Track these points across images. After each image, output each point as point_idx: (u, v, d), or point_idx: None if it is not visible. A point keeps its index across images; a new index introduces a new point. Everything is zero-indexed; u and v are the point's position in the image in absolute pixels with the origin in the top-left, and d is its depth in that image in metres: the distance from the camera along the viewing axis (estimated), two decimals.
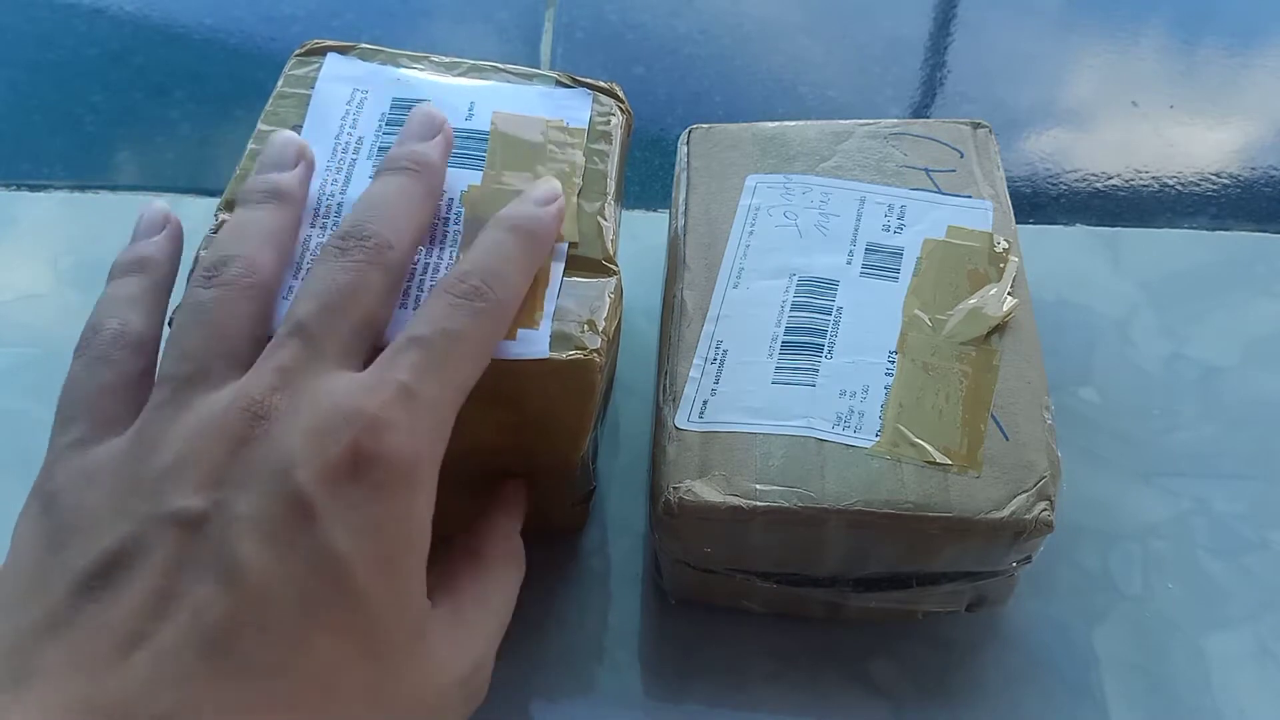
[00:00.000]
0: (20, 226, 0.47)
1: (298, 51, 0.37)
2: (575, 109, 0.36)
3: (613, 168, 0.35)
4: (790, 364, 0.34)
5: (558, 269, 0.32)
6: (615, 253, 0.33)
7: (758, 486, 0.32)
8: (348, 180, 0.33)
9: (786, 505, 0.31)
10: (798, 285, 0.36)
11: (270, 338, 0.28)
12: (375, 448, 0.25)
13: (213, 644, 0.23)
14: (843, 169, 0.39)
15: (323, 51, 0.37)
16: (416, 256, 0.31)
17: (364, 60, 0.37)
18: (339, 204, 0.32)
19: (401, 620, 0.25)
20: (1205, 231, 0.48)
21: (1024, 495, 0.31)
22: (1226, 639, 0.36)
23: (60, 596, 0.24)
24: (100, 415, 0.27)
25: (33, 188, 0.48)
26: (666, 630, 0.36)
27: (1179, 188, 0.49)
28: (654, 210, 0.48)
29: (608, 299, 0.31)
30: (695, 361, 0.35)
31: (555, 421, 0.31)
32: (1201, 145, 0.51)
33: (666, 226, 0.40)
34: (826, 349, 0.34)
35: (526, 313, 0.30)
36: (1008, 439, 0.32)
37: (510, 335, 0.30)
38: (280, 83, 0.36)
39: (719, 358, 0.35)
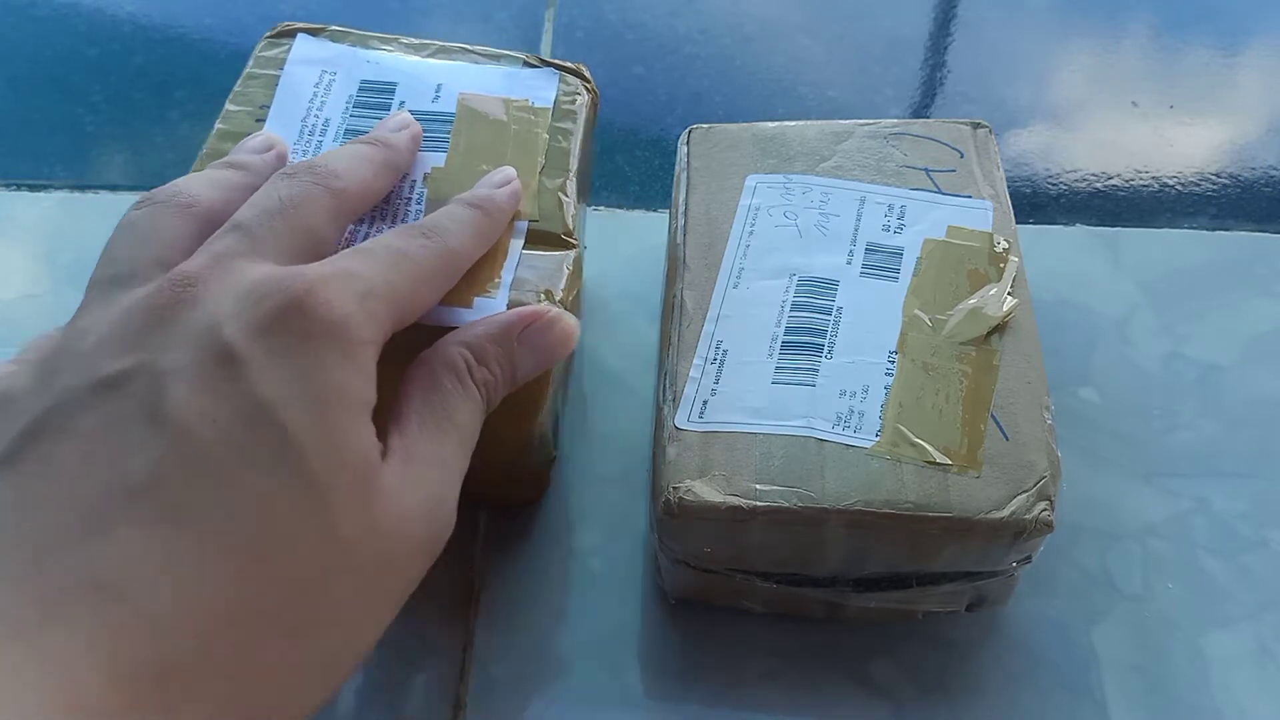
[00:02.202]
0: (20, 226, 0.47)
1: (268, 33, 0.37)
2: (541, 89, 0.37)
3: (576, 145, 0.36)
4: (790, 364, 0.34)
5: (516, 244, 0.33)
6: (576, 227, 0.34)
7: (758, 486, 0.32)
8: None
9: (786, 505, 0.31)
10: (798, 285, 0.36)
11: None
12: (302, 306, 0.25)
13: (142, 489, 0.23)
14: (843, 169, 0.39)
15: (293, 33, 0.37)
16: (365, 225, 0.32)
17: (334, 42, 0.37)
18: None
19: (341, 463, 0.25)
20: (1205, 231, 0.48)
21: (1024, 495, 0.31)
22: (1226, 638, 0.36)
23: None
24: (39, 339, 0.28)
25: (32, 188, 0.48)
26: (666, 630, 0.36)
27: (1179, 188, 0.49)
28: (654, 210, 0.48)
29: (565, 271, 0.32)
30: (695, 361, 0.35)
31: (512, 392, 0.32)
32: (1201, 145, 0.51)
33: (666, 226, 0.40)
34: (826, 349, 0.34)
35: (483, 283, 0.31)
36: (1008, 439, 0.32)
37: (467, 304, 0.31)
38: (250, 64, 0.37)
39: (719, 358, 0.35)
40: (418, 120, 0.35)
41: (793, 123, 0.41)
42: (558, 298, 0.32)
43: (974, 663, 0.35)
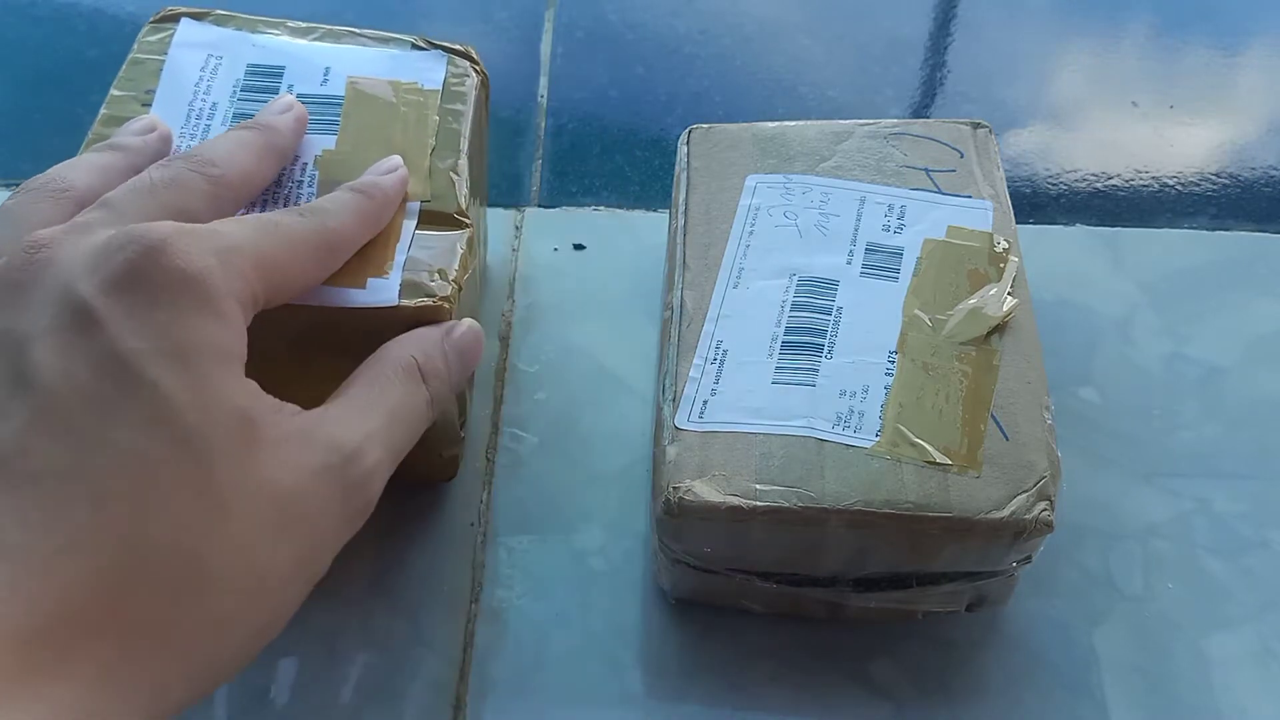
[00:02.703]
0: None
1: (153, 18, 0.38)
2: (429, 71, 0.37)
3: (466, 126, 0.36)
4: (790, 364, 0.34)
5: (409, 225, 0.33)
6: (469, 206, 0.34)
7: (758, 486, 0.32)
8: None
9: (786, 505, 0.31)
10: (798, 285, 0.36)
11: None
12: (157, 257, 0.25)
13: (7, 455, 0.23)
14: (843, 169, 0.39)
15: (177, 18, 0.37)
16: (256, 208, 0.33)
17: (218, 26, 0.37)
18: None
19: (213, 417, 0.24)
20: (1205, 231, 0.48)
21: (1024, 495, 0.31)
22: (1227, 639, 0.36)
23: None
24: None
25: None
26: (666, 630, 0.36)
27: (1179, 188, 0.49)
28: (654, 210, 0.48)
29: (459, 250, 0.33)
30: (695, 361, 0.34)
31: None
32: (1201, 145, 0.51)
33: (666, 226, 0.40)
34: (826, 349, 0.34)
35: (377, 264, 0.32)
36: (1008, 439, 0.32)
37: (360, 284, 0.31)
38: (134, 49, 0.37)
39: (719, 358, 0.34)
40: (307, 104, 0.35)
41: (793, 123, 0.41)
42: (450, 276, 0.32)
43: (975, 663, 0.35)
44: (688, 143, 0.41)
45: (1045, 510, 0.31)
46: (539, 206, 0.48)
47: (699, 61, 0.55)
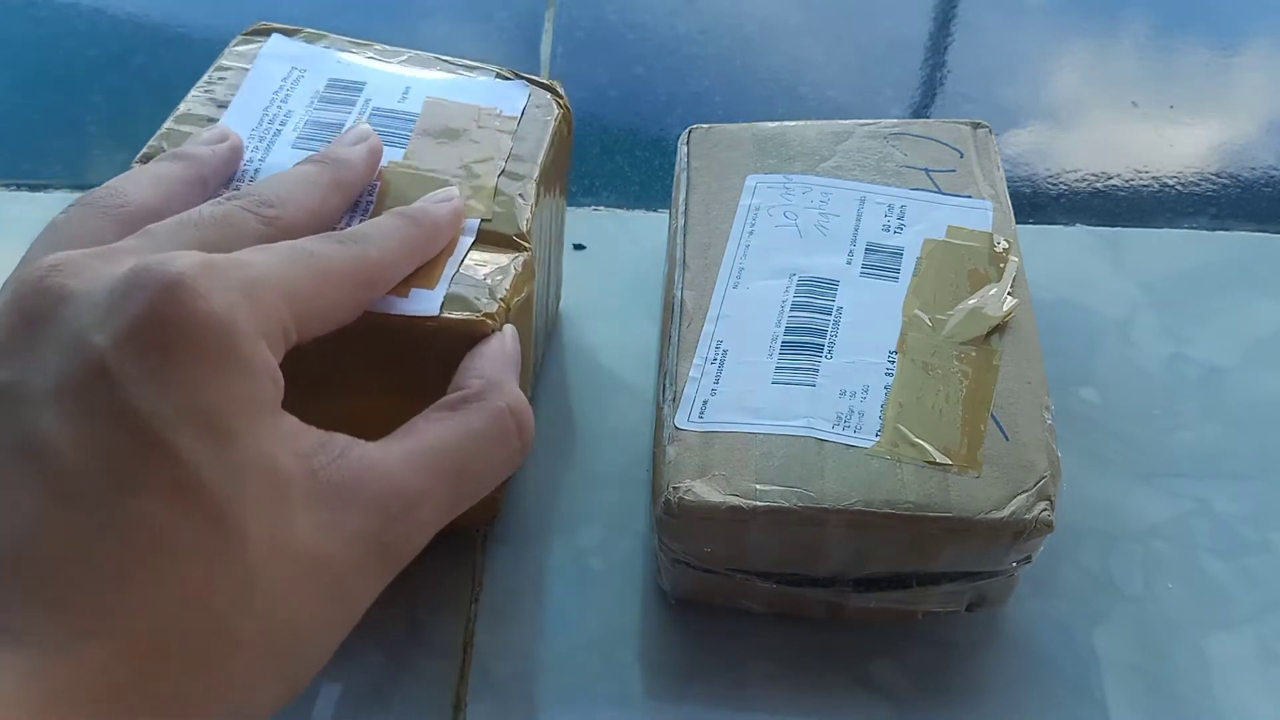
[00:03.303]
0: (20, 226, 0.47)
1: (244, 31, 0.38)
2: (511, 99, 0.37)
3: (541, 154, 0.35)
4: (790, 364, 0.34)
5: (465, 241, 0.32)
6: (529, 230, 0.34)
7: (758, 486, 0.32)
8: (269, 149, 0.34)
9: (786, 505, 0.31)
10: (798, 285, 0.36)
11: None
12: (175, 297, 0.23)
13: (22, 536, 0.22)
14: (843, 169, 0.39)
15: (268, 32, 0.38)
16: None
17: (308, 43, 0.38)
18: (256, 170, 0.33)
19: (242, 478, 0.23)
20: (1205, 231, 0.48)
21: (1024, 495, 0.31)
22: (1228, 640, 0.36)
23: None
24: None
25: (33, 188, 0.48)
26: (666, 630, 0.36)
27: (1179, 188, 0.49)
28: (654, 210, 0.48)
29: (513, 272, 0.32)
30: (695, 361, 0.34)
31: (449, 384, 0.31)
32: (1201, 145, 0.51)
33: (666, 226, 0.40)
34: (826, 349, 0.34)
35: (424, 275, 0.31)
36: (1008, 439, 0.32)
37: (403, 293, 0.30)
38: (221, 57, 0.37)
39: (719, 358, 0.34)
40: (382, 117, 0.35)
41: (793, 123, 0.41)
42: (499, 295, 0.31)
43: (975, 663, 0.35)
44: (688, 143, 0.41)
45: (1045, 510, 0.31)
46: None
47: (699, 61, 0.55)
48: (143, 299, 0.23)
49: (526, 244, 0.33)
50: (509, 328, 0.31)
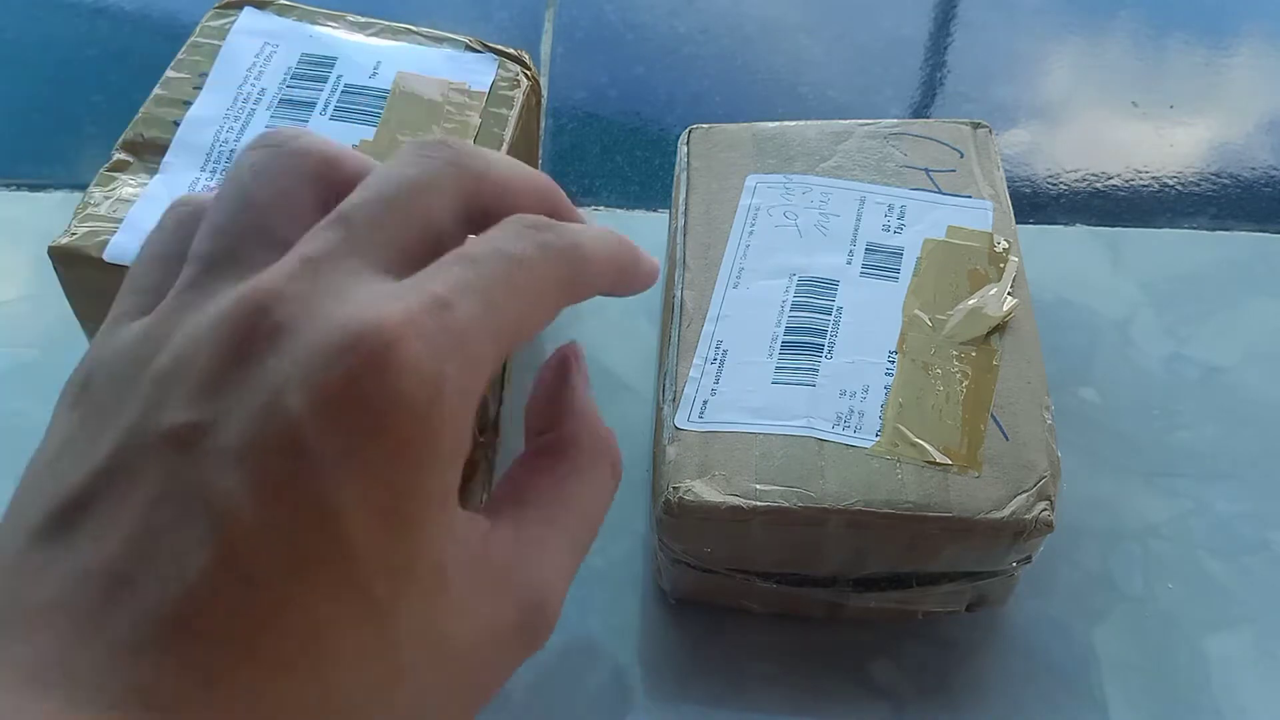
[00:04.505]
0: (20, 226, 0.47)
1: (216, 5, 0.38)
2: (479, 73, 0.37)
3: (509, 131, 0.36)
4: (790, 364, 0.34)
5: None
6: None
7: (757, 486, 0.32)
8: (244, 128, 0.34)
9: (786, 505, 0.31)
10: (798, 285, 0.36)
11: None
12: (382, 375, 0.21)
13: (186, 596, 0.21)
14: (843, 169, 0.39)
15: (240, 5, 0.38)
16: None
17: (279, 15, 0.38)
18: (231, 150, 0.34)
19: (410, 575, 0.22)
20: (1205, 231, 0.48)
21: (1024, 495, 0.31)
22: (1227, 639, 0.36)
23: (41, 522, 0.22)
24: (145, 283, 0.24)
25: (33, 188, 0.48)
26: (666, 630, 0.36)
27: (1179, 188, 0.49)
28: (654, 210, 0.48)
29: None
30: (695, 362, 0.34)
31: None
32: (1201, 145, 0.51)
33: (666, 226, 0.40)
34: (826, 349, 0.34)
35: None
36: (1008, 439, 0.32)
37: None
38: (195, 33, 0.37)
39: (719, 358, 0.34)
40: (352, 95, 0.35)
41: (793, 123, 0.41)
42: None
43: (975, 663, 0.35)
44: (687, 143, 0.41)
45: (1045, 510, 0.31)
46: None
47: (699, 61, 0.55)
48: (347, 367, 0.21)
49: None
50: (576, 346, 0.28)
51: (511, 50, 0.38)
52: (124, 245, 0.32)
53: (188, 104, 0.35)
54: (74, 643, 0.21)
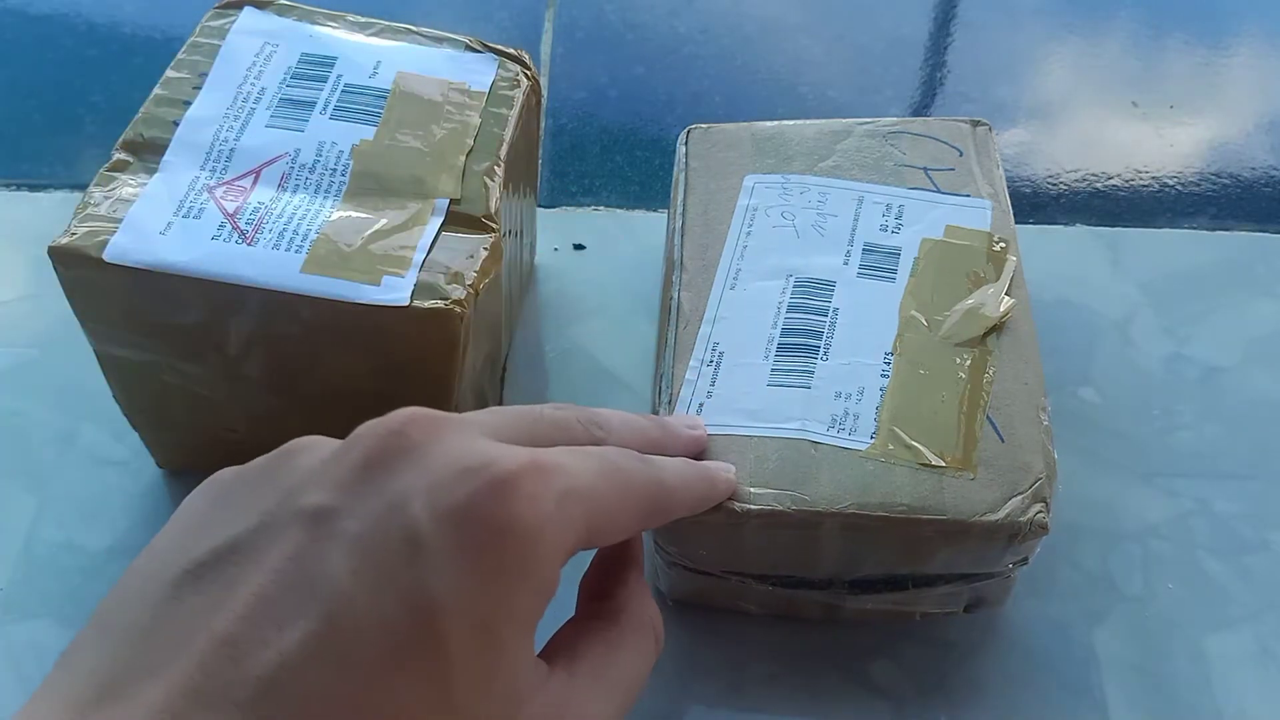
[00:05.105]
0: (20, 226, 0.47)
1: (217, 4, 0.38)
2: (479, 73, 0.37)
3: (509, 131, 0.36)
4: (786, 366, 0.34)
5: (434, 223, 0.33)
6: (498, 211, 0.34)
7: (752, 489, 0.31)
8: (243, 128, 0.34)
9: (781, 508, 0.31)
10: (795, 286, 0.36)
11: None
12: (502, 496, 0.24)
13: (283, 665, 0.22)
14: (841, 168, 0.39)
15: (240, 5, 0.38)
16: (287, 193, 0.33)
17: (280, 15, 0.38)
18: (231, 150, 0.34)
19: (487, 686, 0.24)
20: (1205, 231, 0.48)
21: (1019, 497, 0.31)
22: (1227, 639, 0.36)
23: (169, 581, 0.23)
24: None
25: (33, 188, 0.48)
26: (665, 631, 0.36)
27: (1179, 188, 0.49)
28: (654, 210, 0.48)
29: (481, 253, 0.33)
30: (691, 364, 0.34)
31: (422, 370, 0.32)
32: (1201, 145, 0.51)
33: (666, 226, 0.40)
34: (822, 350, 0.34)
35: (395, 260, 0.32)
36: (1003, 441, 0.32)
37: (375, 280, 0.31)
38: (195, 32, 0.37)
39: (715, 360, 0.34)
40: (352, 94, 0.35)
41: (791, 122, 0.41)
42: (467, 281, 0.32)
43: (974, 663, 0.35)
44: (686, 143, 0.41)
45: (1040, 512, 0.31)
46: (539, 206, 0.48)
47: (699, 61, 0.55)
48: (472, 486, 0.24)
49: (495, 225, 0.34)
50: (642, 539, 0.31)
51: (511, 50, 0.38)
52: (124, 245, 0.32)
53: (187, 104, 0.35)
54: (183, 694, 0.22)
